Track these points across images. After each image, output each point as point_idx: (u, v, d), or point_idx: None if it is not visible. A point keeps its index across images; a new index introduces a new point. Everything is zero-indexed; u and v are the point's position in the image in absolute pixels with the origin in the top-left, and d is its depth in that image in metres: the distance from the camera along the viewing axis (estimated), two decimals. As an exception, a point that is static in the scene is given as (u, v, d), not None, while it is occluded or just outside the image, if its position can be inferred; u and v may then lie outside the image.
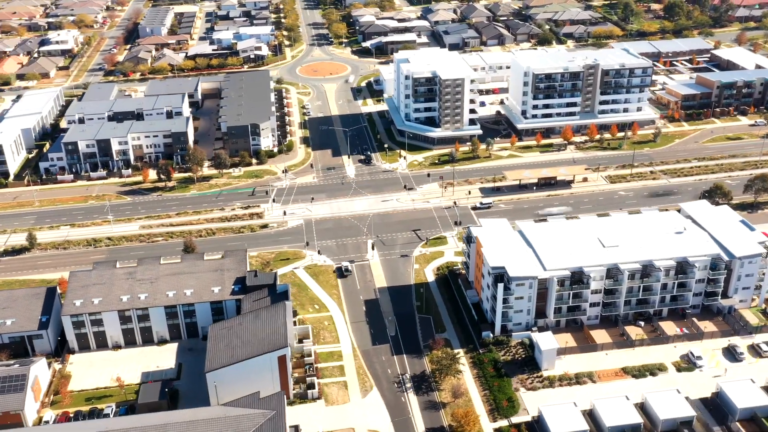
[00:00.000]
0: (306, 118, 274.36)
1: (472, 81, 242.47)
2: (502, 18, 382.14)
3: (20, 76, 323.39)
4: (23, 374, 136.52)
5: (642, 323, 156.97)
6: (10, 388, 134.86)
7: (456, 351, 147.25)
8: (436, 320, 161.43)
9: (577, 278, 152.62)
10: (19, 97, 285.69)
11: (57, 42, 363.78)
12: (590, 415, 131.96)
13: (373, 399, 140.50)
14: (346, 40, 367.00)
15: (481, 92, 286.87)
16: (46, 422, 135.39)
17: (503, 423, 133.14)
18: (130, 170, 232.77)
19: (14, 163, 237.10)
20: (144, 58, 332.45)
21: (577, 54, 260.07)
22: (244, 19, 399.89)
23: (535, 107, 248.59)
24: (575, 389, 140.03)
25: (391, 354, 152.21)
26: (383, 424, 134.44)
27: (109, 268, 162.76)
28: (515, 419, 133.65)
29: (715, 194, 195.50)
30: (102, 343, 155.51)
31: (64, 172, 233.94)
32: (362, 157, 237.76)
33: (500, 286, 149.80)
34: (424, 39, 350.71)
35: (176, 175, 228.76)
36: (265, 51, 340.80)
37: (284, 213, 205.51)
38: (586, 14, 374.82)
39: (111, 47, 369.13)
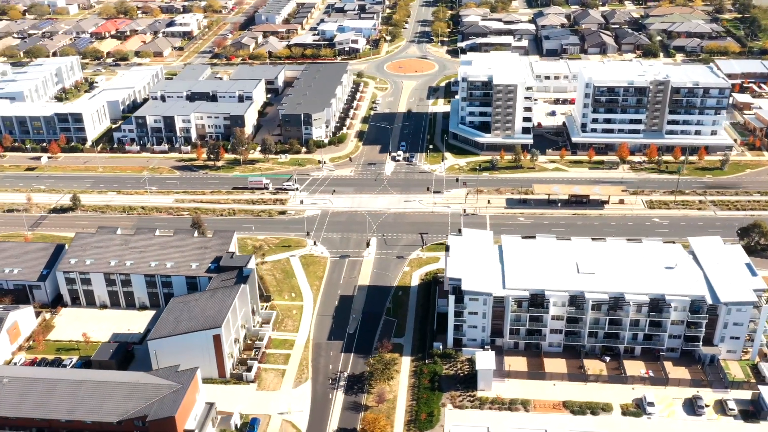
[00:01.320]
0: (372, 113, 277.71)
1: (528, 88, 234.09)
2: (614, 26, 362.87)
3: (137, 54, 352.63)
4: (0, 318, 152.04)
5: (608, 359, 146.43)
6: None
7: (395, 357, 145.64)
8: (400, 324, 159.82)
9: (537, 301, 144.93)
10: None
11: (180, 24, 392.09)
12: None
13: (302, 391, 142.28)
14: (446, 39, 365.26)
15: (557, 101, 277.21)
16: (14, 363, 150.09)
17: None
18: (189, 147, 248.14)
19: (94, 131, 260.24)
20: (247, 44, 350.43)
21: (652, 68, 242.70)
22: (357, 12, 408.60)
23: (594, 121, 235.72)
24: (504, 415, 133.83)
25: (340, 351, 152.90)
26: (300, 417, 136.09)
27: (109, 233, 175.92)
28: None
29: (752, 232, 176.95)
30: (90, 301, 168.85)
31: (133, 143, 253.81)
32: (401, 154, 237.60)
33: (452, 298, 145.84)
34: (521, 43, 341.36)
35: (227, 156, 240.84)
36: (361, 44, 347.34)
37: (301, 202, 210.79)
38: (707, 27, 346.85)
39: (228, 32, 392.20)
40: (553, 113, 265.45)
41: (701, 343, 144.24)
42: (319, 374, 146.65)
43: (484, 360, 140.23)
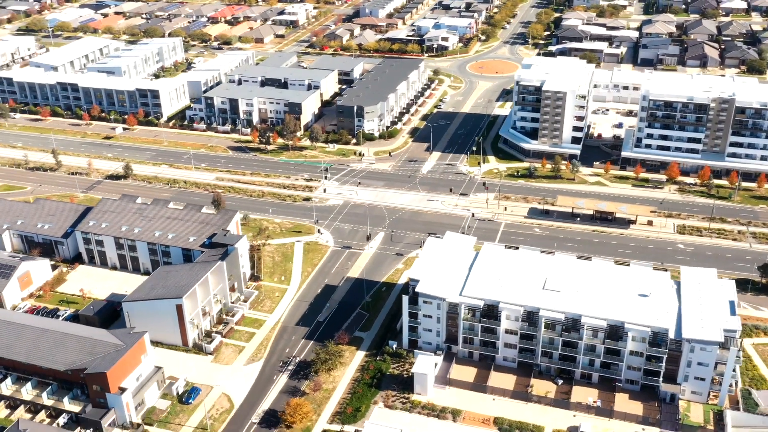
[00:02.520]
0: (435, 110, 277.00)
1: (581, 96, 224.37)
2: (725, 38, 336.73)
3: (240, 39, 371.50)
4: (12, 266, 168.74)
5: (561, 381, 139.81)
6: (2, 275, 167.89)
7: (341, 349, 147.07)
8: (370, 319, 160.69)
9: (491, 312, 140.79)
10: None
11: (289, 13, 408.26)
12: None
13: (251, 370, 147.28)
14: (542, 42, 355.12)
15: (630, 113, 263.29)
16: (19, 309, 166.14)
17: (337, 428, 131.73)
18: (249, 129, 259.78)
19: (171, 107, 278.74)
20: (340, 36, 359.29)
21: (721, 84, 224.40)
22: (461, 10, 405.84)
23: (649, 136, 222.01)
24: (429, 421, 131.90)
25: (303, 337, 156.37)
26: (238, 393, 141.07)
27: (130, 201, 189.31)
28: (348, 427, 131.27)
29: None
30: (103, 262, 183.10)
31: (201, 121, 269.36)
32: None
33: (406, 298, 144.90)
34: (616, 50, 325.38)
35: (279, 140, 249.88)
36: (452, 42, 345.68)
37: (324, 191, 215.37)
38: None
39: (332, 23, 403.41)
40: (620, 125, 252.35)
41: (662, 379, 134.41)
42: (273, 356, 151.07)
43: (423, 364, 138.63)
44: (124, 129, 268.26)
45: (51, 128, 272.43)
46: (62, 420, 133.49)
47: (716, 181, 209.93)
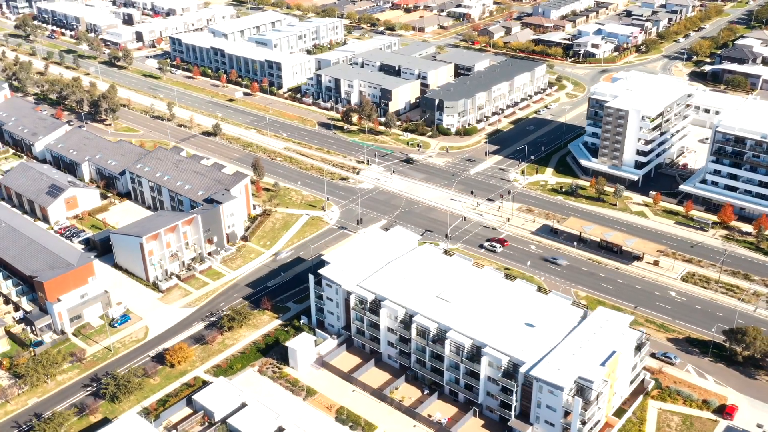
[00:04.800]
0: (533, 115, 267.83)
1: (650, 119, 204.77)
2: None
3: (404, 26, 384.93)
4: (62, 189, 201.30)
5: (427, 392, 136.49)
6: (52, 193, 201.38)
7: (249, 313, 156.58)
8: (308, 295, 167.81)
9: (376, 308, 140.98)
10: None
11: (465, 6, 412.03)
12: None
13: (181, 313, 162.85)
14: (707, 59, 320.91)
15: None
16: (56, 222, 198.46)
17: (208, 377, 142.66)
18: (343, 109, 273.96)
19: (292, 80, 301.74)
20: (492, 32, 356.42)
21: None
22: (641, 17, 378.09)
23: (716, 173, 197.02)
24: (283, 393, 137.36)
25: (244, 296, 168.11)
26: (156, 329, 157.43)
27: (175, 153, 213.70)
28: (215, 378, 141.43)
29: (736, 337, 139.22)
30: (142, 201, 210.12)
31: (309, 96, 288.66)
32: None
33: (311, 278, 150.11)
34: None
35: (363, 123, 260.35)
36: (603, 49, 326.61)
37: (357, 173, 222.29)
38: None
39: (504, 19, 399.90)
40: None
41: (514, 414, 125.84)
42: (207, 306, 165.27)
43: (299, 341, 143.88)
44: (245, 94, 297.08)
45: (194, 86, 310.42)
46: (18, 315, 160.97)
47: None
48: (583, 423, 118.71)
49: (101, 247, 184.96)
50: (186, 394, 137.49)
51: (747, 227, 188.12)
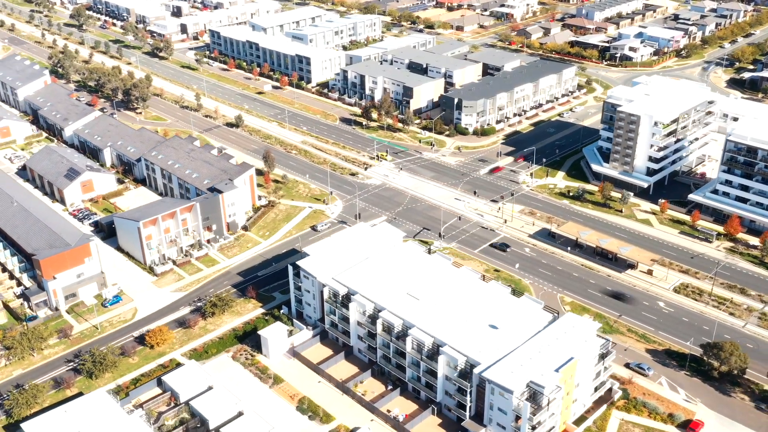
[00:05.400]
0: (556, 118, 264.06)
1: (663, 125, 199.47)
2: None
3: (443, 24, 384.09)
4: (79, 172, 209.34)
5: (391, 387, 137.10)
6: (69, 176, 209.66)
7: (231, 300, 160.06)
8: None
9: (346, 300, 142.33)
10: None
11: (508, 6, 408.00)
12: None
13: (171, 296, 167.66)
14: (750, 66, 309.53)
15: None
16: (72, 205, 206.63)
17: (184, 359, 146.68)
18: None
19: (321, 75, 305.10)
20: (530, 33, 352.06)
21: None
22: (687, 21, 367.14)
23: (727, 183, 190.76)
24: (251, 379, 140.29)
25: (233, 285, 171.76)
26: (144, 310, 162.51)
27: (189, 142, 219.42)
28: (188, 360, 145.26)
29: (711, 351, 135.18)
30: (156, 187, 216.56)
31: (335, 91, 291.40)
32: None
33: (290, 268, 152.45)
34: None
35: (383, 120, 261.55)
36: (641, 53, 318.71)
37: (365, 168, 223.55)
38: None
39: (546, 20, 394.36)
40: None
41: (469, 414, 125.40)
42: (197, 292, 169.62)
43: (273, 331, 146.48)
44: (274, 87, 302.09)
45: (228, 78, 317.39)
46: (18, 290, 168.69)
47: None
48: (534, 428, 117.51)
49: (108, 230, 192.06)
50: (159, 374, 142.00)
51: (755, 240, 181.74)
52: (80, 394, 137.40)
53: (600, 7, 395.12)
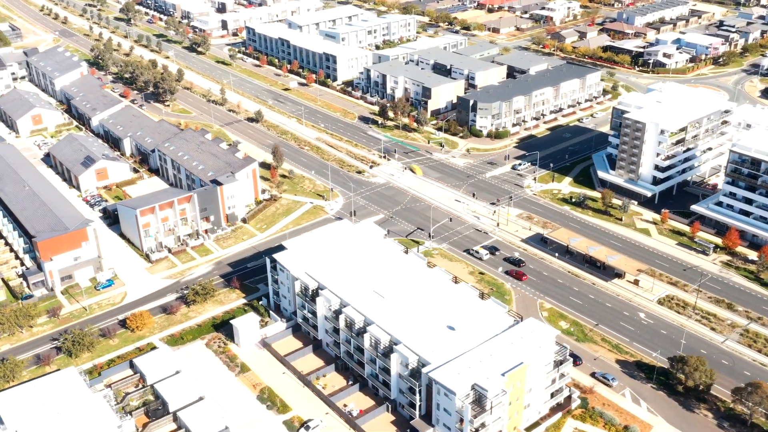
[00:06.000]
0: (574, 123, 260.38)
1: (670, 133, 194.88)
2: None
3: (479, 26, 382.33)
4: (94, 160, 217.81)
5: (351, 382, 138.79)
6: (85, 163, 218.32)
7: (214, 290, 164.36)
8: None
9: (314, 295, 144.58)
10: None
11: (548, 9, 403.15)
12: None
13: (161, 283, 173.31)
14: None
15: None
16: (86, 191, 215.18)
17: (161, 344, 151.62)
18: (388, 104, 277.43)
19: (347, 73, 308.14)
20: (564, 37, 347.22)
21: None
22: (731, 28, 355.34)
23: (730, 195, 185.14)
24: (220, 367, 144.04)
25: (221, 275, 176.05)
26: (133, 295, 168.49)
27: (201, 135, 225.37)
28: (165, 345, 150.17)
29: (678, 365, 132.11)
30: (167, 177, 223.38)
31: (358, 90, 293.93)
32: (523, 164, 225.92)
33: (268, 261, 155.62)
34: None
35: (399, 119, 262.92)
36: (676, 60, 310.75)
37: (370, 167, 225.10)
38: None
39: (586, 24, 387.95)
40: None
41: (418, 413, 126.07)
42: (186, 280, 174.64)
43: (245, 321, 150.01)
44: (300, 84, 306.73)
45: (259, 74, 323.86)
46: (20, 270, 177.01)
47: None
48: (476, 430, 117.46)
49: (114, 217, 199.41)
50: (133, 357, 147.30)
51: (754, 255, 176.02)
52: (57, 371, 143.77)
53: (642, 11, 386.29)
